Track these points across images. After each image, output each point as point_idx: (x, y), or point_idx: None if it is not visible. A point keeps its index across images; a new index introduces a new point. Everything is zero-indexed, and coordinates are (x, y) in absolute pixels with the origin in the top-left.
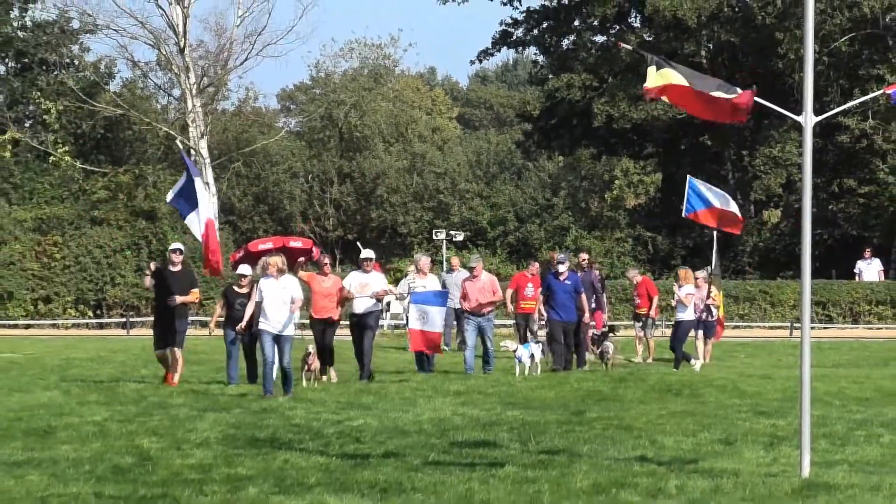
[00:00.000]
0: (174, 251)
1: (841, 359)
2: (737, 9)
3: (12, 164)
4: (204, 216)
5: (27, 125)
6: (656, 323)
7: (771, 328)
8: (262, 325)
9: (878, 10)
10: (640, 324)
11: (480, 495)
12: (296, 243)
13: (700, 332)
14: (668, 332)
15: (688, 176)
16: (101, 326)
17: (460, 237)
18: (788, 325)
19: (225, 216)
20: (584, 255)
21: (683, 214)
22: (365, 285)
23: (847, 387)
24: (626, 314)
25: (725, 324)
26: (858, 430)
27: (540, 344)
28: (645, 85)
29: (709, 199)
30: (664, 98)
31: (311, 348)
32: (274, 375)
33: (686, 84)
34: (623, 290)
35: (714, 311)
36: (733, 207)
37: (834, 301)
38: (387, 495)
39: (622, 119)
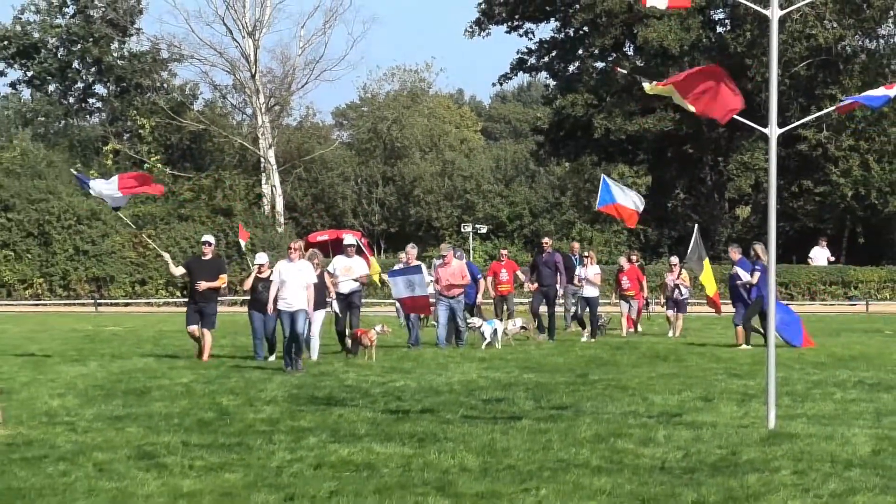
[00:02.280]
0: (204, 243)
1: None
2: (713, 39)
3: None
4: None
5: (125, 138)
6: (649, 303)
7: None
8: (280, 305)
9: (831, 41)
10: (629, 305)
11: (501, 444)
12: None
13: (673, 309)
14: (658, 310)
15: (602, 175)
16: (186, 304)
17: (484, 230)
18: None
19: (288, 213)
20: (547, 240)
21: (596, 207)
22: (349, 268)
23: (805, 353)
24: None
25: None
26: (815, 389)
27: (510, 321)
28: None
29: (616, 195)
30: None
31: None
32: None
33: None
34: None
35: (684, 290)
36: (634, 204)
37: (794, 282)
38: (424, 444)
39: (618, 131)
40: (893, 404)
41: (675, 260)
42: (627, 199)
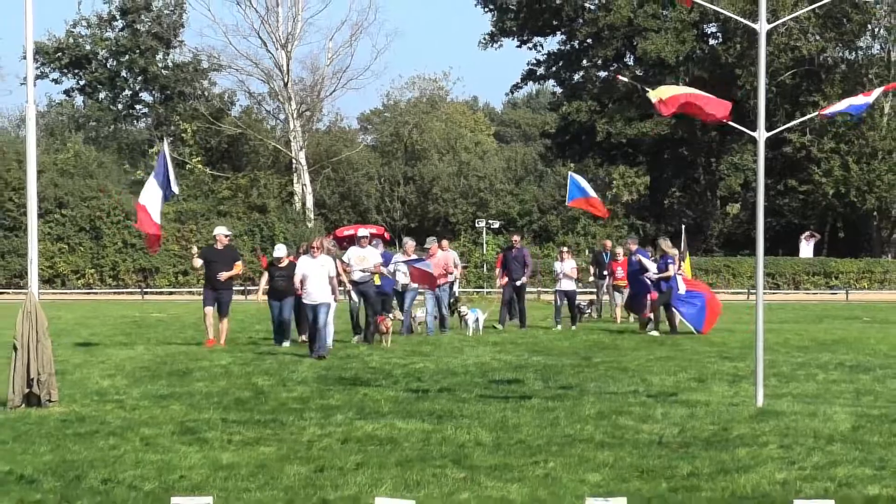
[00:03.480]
0: (219, 234)
1: (786, 316)
2: (706, 50)
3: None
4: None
5: (169, 141)
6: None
7: (733, 294)
8: (304, 299)
9: (814, 52)
10: (621, 294)
11: (513, 420)
12: (372, 230)
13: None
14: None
15: (569, 173)
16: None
17: (496, 225)
18: (746, 291)
19: (318, 210)
20: (516, 237)
21: (566, 203)
22: (363, 258)
23: (791, 337)
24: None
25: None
26: (800, 370)
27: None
28: (654, 103)
29: (586, 190)
30: (671, 109)
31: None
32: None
33: (680, 92)
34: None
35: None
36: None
37: (780, 272)
38: (442, 420)
39: (619, 135)
40: (871, 384)
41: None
42: (595, 196)
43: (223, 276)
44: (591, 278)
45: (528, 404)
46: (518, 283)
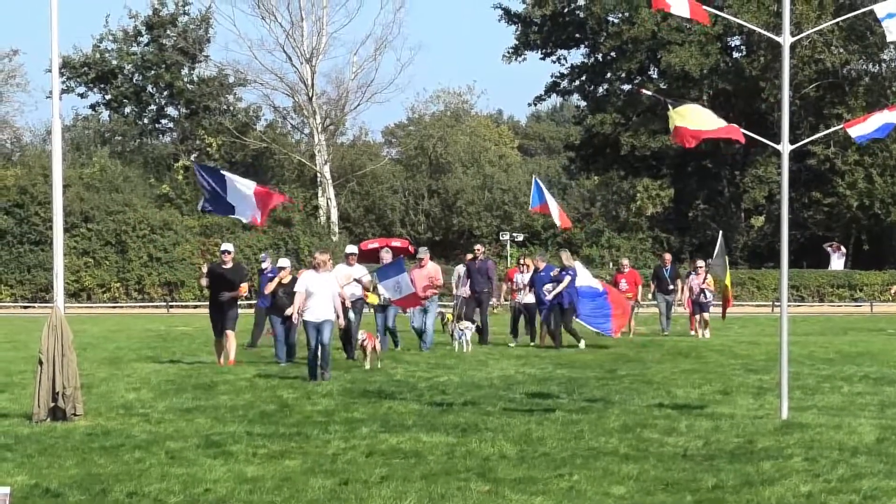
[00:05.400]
0: (224, 252)
1: (810, 329)
2: (730, 63)
3: (184, 184)
4: (247, 204)
5: (194, 155)
6: (640, 304)
7: (757, 306)
8: (306, 316)
9: (837, 65)
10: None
11: (537, 433)
12: (396, 243)
13: (698, 313)
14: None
15: (533, 176)
16: (250, 307)
17: (520, 238)
18: (770, 303)
19: (342, 223)
20: (479, 247)
21: (530, 208)
22: (349, 276)
23: (816, 350)
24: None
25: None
26: (825, 382)
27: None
28: (672, 133)
29: (546, 196)
30: (691, 143)
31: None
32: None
33: (693, 128)
34: (645, 278)
35: (709, 294)
36: (559, 208)
37: (805, 285)
38: (466, 434)
39: (643, 148)
40: None
41: (701, 263)
42: (555, 203)
43: (226, 296)
44: (651, 294)
45: (553, 417)
46: (481, 295)
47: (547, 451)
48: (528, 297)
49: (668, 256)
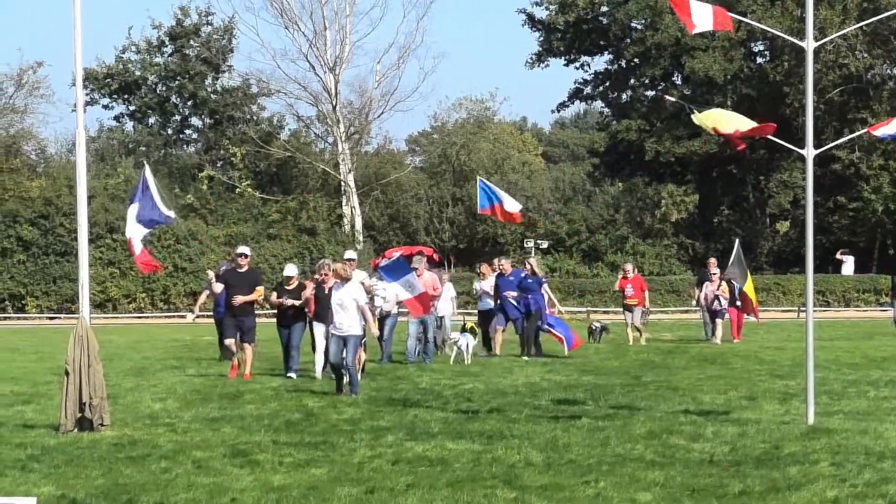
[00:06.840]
0: (240, 255)
1: (836, 334)
2: (753, 69)
3: (208, 194)
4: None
5: (219, 165)
6: (649, 311)
7: (783, 311)
8: (332, 329)
9: (861, 69)
10: (632, 314)
11: (563, 440)
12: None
13: (712, 318)
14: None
15: (478, 178)
16: (275, 316)
17: (545, 245)
18: (796, 308)
19: (367, 231)
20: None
21: (478, 210)
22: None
23: (841, 355)
24: (673, 303)
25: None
26: (851, 387)
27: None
28: (717, 140)
29: (498, 195)
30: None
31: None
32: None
33: (728, 131)
34: (670, 284)
35: (723, 301)
36: (512, 206)
37: (830, 290)
38: (492, 441)
39: (667, 154)
40: None
41: (716, 271)
42: (508, 201)
43: (238, 300)
44: (695, 301)
45: (579, 424)
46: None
47: (573, 458)
48: (486, 304)
49: (712, 260)
